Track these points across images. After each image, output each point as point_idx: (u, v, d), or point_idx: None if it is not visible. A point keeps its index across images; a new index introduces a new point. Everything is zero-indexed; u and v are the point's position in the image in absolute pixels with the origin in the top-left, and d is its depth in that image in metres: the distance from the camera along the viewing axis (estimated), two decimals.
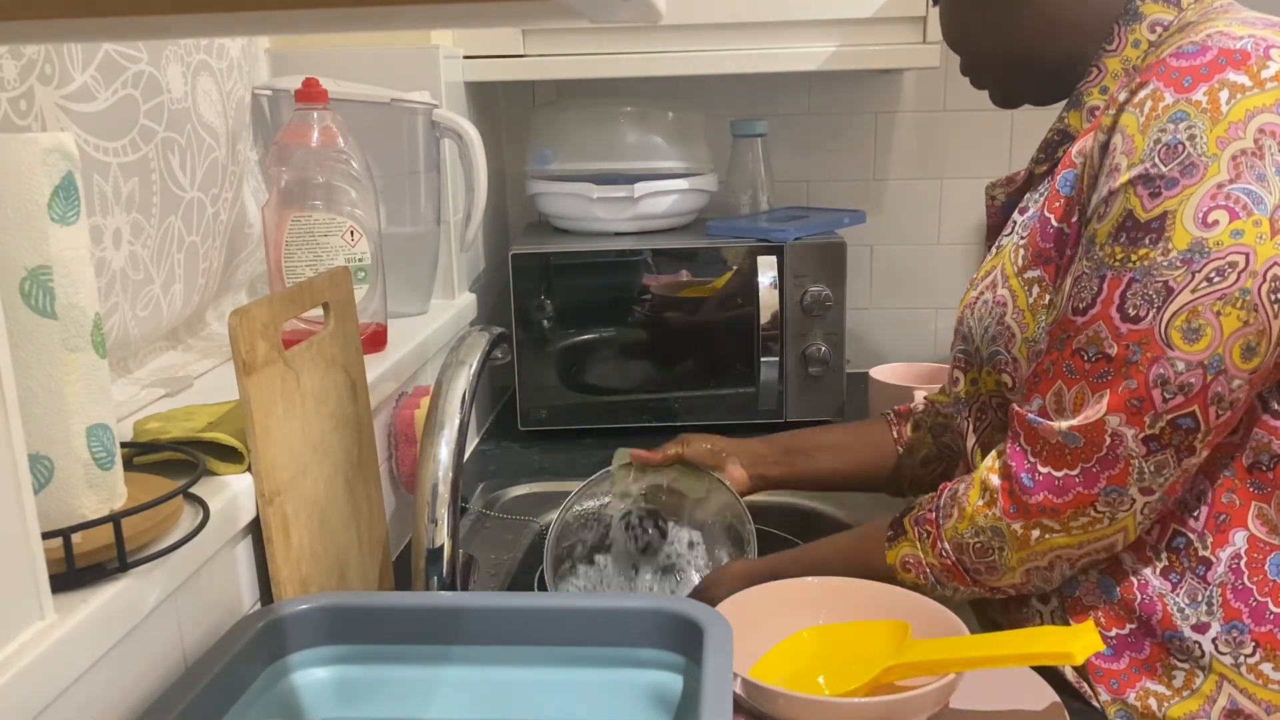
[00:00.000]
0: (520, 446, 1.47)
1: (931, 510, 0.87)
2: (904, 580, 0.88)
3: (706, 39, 1.45)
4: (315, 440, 0.83)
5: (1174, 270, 0.74)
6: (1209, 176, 0.73)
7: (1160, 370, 0.74)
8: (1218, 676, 0.80)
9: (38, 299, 0.59)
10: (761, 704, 0.74)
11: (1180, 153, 0.73)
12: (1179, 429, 0.75)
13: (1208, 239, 0.73)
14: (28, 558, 0.56)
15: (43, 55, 0.80)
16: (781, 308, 1.42)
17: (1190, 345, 0.74)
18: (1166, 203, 0.74)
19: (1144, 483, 0.77)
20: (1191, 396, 0.74)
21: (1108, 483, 0.77)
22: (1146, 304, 0.75)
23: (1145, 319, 0.75)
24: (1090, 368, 0.77)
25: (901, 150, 1.76)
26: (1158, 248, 0.74)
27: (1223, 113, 0.73)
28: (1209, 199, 0.73)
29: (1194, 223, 0.73)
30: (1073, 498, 0.78)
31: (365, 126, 1.15)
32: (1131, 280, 0.75)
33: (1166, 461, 0.76)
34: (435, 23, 0.81)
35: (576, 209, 1.53)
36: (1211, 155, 0.73)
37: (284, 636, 0.72)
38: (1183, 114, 0.74)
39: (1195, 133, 0.73)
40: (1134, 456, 0.76)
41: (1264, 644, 0.79)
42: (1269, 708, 0.78)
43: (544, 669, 0.72)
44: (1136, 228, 0.75)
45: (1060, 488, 0.78)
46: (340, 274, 0.90)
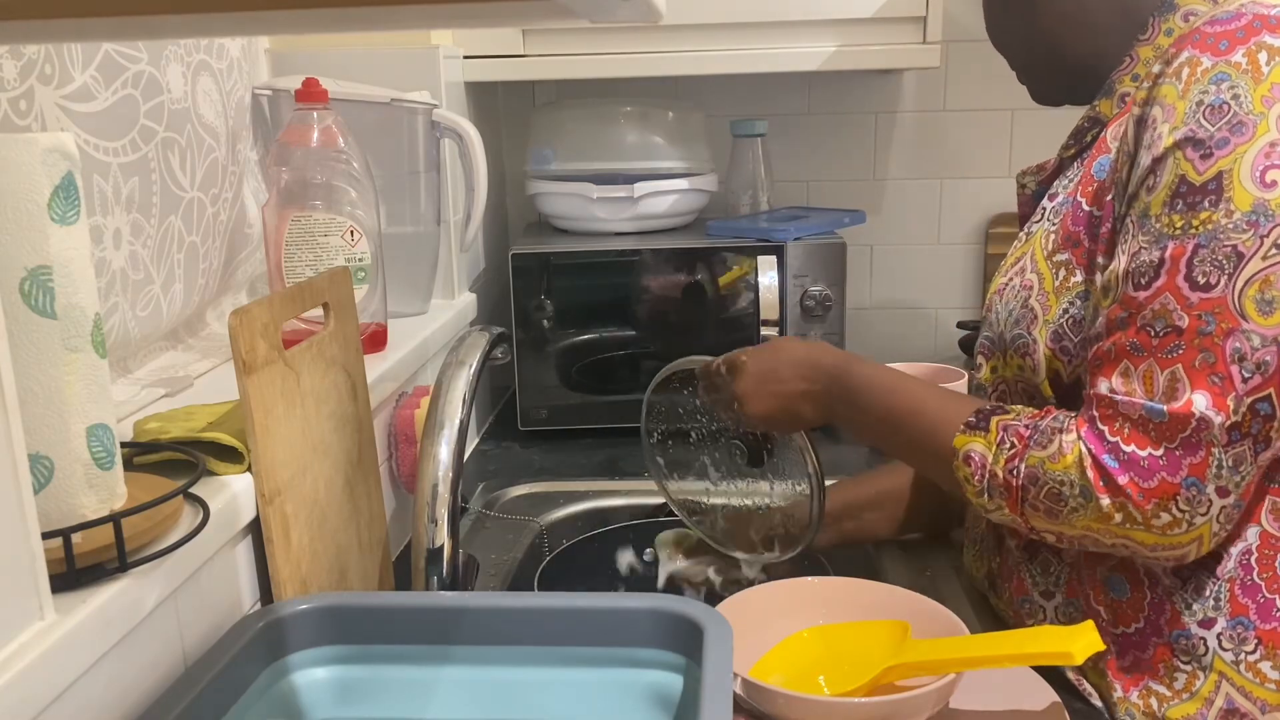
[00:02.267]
0: (520, 446, 1.47)
1: (1028, 427, 0.80)
2: (957, 470, 0.83)
3: (706, 39, 1.45)
4: (315, 440, 0.83)
5: (1241, 234, 0.70)
6: (1260, 134, 0.71)
7: (1236, 344, 0.70)
8: (1217, 675, 0.79)
9: (38, 299, 0.59)
10: (761, 704, 0.74)
11: (1226, 112, 0.71)
12: (1257, 415, 0.71)
13: (1270, 200, 0.70)
14: (28, 558, 0.56)
15: (43, 55, 0.80)
16: (781, 308, 1.42)
17: (1265, 318, 0.70)
18: (1220, 162, 0.71)
19: (1221, 480, 0.72)
20: (1268, 377, 0.70)
21: (1189, 471, 0.72)
22: (1217, 269, 0.71)
23: (1217, 286, 0.71)
24: (1159, 343, 0.73)
25: (901, 150, 1.76)
26: (1220, 209, 0.71)
27: (1264, 73, 0.72)
28: (1263, 157, 0.70)
29: (1253, 182, 0.70)
30: (1158, 484, 0.73)
31: (365, 126, 1.15)
32: (1197, 246, 0.71)
33: (1244, 455, 0.72)
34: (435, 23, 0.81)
35: (576, 209, 1.53)
36: (1259, 114, 0.71)
37: (284, 636, 0.72)
38: (1224, 75, 0.72)
39: (1239, 92, 0.72)
40: (1216, 445, 0.71)
41: (1266, 641, 0.78)
42: (1264, 706, 0.78)
43: (544, 669, 0.72)
44: (1193, 191, 0.72)
45: (1146, 470, 0.73)
46: (340, 274, 0.90)
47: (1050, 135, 1.19)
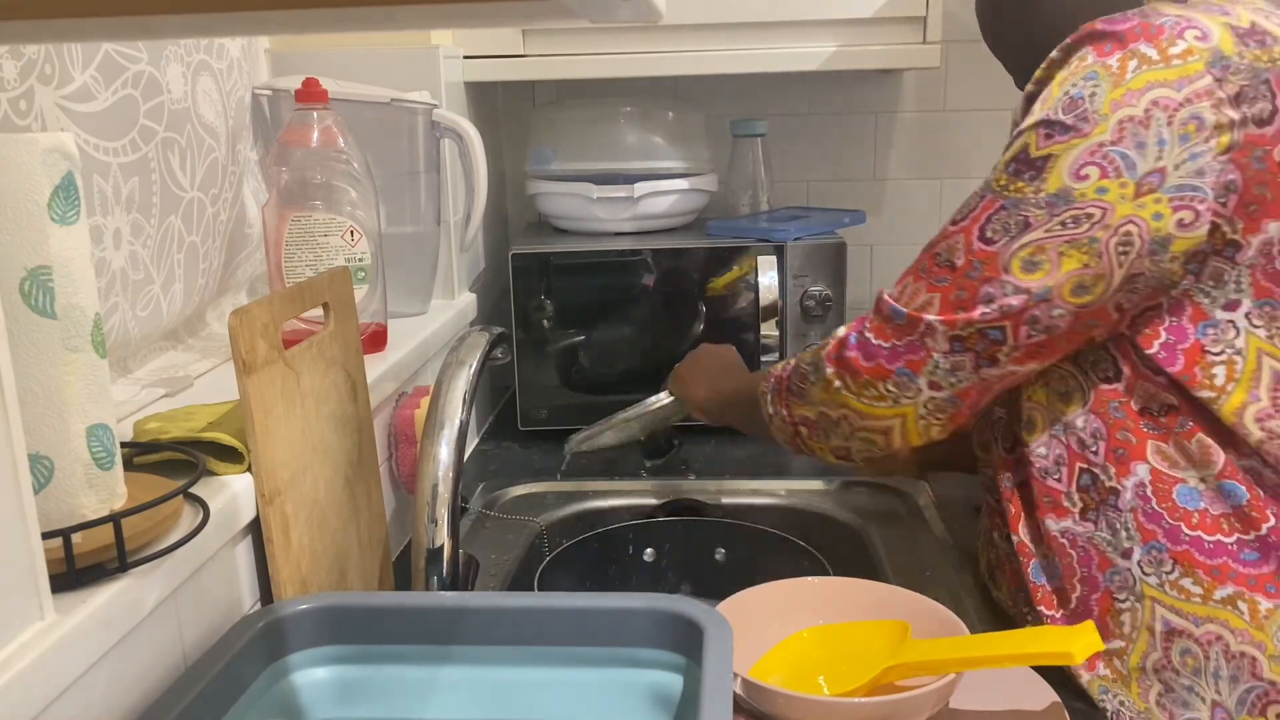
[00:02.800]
0: (520, 446, 1.47)
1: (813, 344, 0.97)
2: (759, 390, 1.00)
3: (706, 39, 1.45)
4: (315, 440, 0.83)
5: (1038, 209, 0.80)
6: (1095, 134, 0.78)
7: (989, 290, 0.81)
8: (1150, 601, 0.83)
9: (38, 299, 0.59)
10: (761, 704, 0.74)
11: (1080, 106, 0.79)
12: (985, 337, 0.82)
13: (1075, 189, 0.79)
14: (28, 558, 0.56)
15: (43, 55, 0.80)
16: (781, 308, 1.42)
17: (1025, 275, 0.80)
18: (1054, 147, 0.80)
19: (935, 377, 0.85)
20: (1007, 314, 0.81)
21: (905, 364, 0.85)
22: (1004, 232, 0.81)
23: (997, 243, 0.81)
24: (936, 271, 0.85)
25: (901, 150, 1.76)
26: (1032, 185, 0.80)
27: (1125, 79, 0.78)
28: (1088, 154, 0.78)
29: (1068, 173, 0.79)
30: (874, 366, 0.87)
31: (365, 126, 1.15)
32: (1001, 207, 0.82)
33: (964, 363, 0.84)
34: (435, 23, 0.81)
35: (576, 209, 1.53)
36: (1103, 115, 0.78)
37: (284, 636, 0.72)
38: (1094, 74, 0.79)
39: (1097, 92, 0.79)
40: (936, 351, 0.84)
41: (1182, 561, 0.82)
42: (1196, 620, 0.81)
43: (544, 669, 0.72)
44: (1024, 163, 0.81)
45: (870, 353, 0.87)
46: (340, 274, 0.90)
47: None
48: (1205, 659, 0.81)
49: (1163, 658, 0.82)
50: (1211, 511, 0.82)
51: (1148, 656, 0.83)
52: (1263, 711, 0.79)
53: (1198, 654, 0.81)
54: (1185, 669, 0.81)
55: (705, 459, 1.39)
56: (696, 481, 1.34)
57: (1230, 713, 0.80)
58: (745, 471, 1.35)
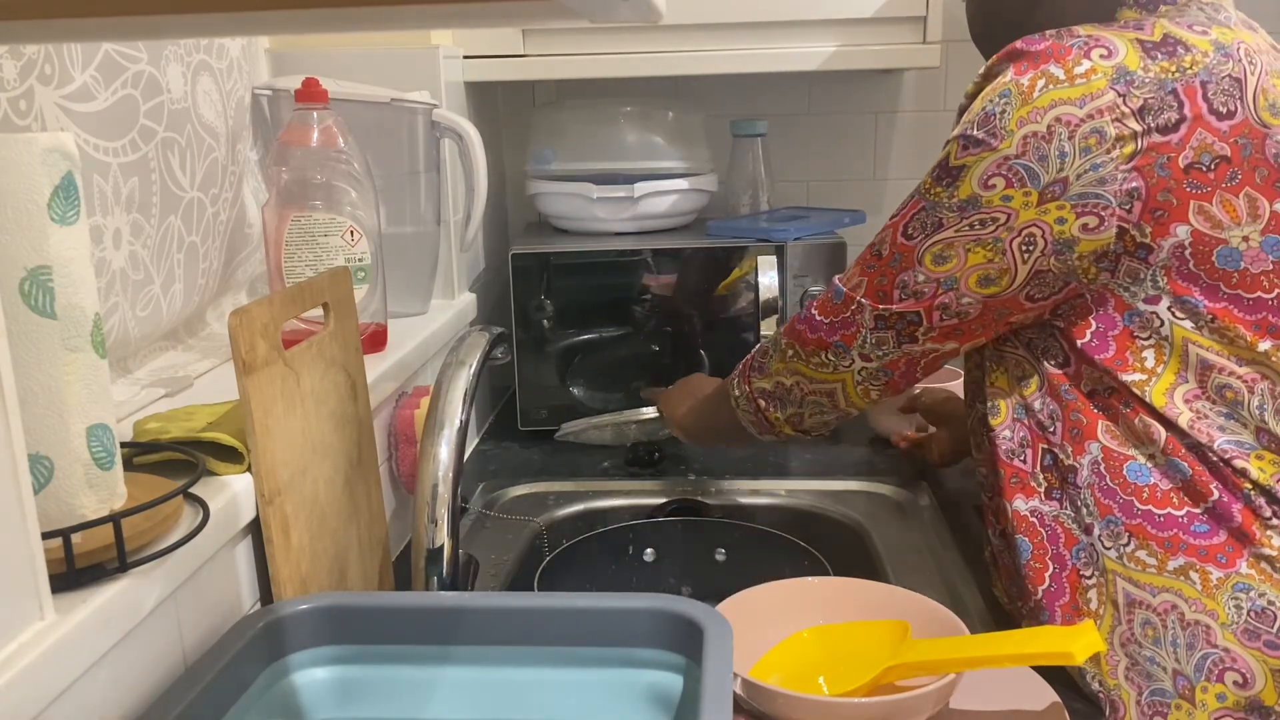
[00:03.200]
0: (520, 446, 1.47)
1: None
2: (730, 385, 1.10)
3: (706, 39, 1.45)
4: (315, 440, 0.83)
5: (950, 212, 0.88)
6: (1001, 148, 0.84)
7: (904, 277, 0.91)
8: (1111, 574, 0.86)
9: (38, 299, 0.59)
10: (761, 704, 0.74)
11: (990, 122, 0.85)
12: (904, 319, 0.93)
13: (982, 196, 0.86)
14: (28, 558, 0.56)
15: (43, 55, 0.80)
16: (782, 308, 1.42)
17: (935, 267, 0.89)
18: (967, 159, 0.86)
19: (864, 350, 0.96)
20: (920, 300, 0.91)
21: (840, 338, 0.97)
22: (921, 230, 0.90)
23: (915, 239, 0.90)
24: (869, 259, 0.94)
25: (901, 150, 1.76)
26: (947, 191, 0.88)
27: (1032, 98, 0.83)
28: (994, 166, 0.84)
29: (978, 182, 0.86)
30: (815, 337, 0.98)
31: (365, 126, 1.15)
32: (922, 208, 0.90)
33: (887, 339, 0.94)
34: (435, 23, 0.81)
35: (576, 209, 1.52)
36: (1010, 131, 0.84)
37: (284, 636, 0.72)
38: (1007, 91, 0.84)
39: (1007, 109, 0.84)
40: (864, 328, 0.95)
41: (1136, 534, 0.85)
42: (1153, 590, 0.84)
43: (544, 669, 0.72)
44: (943, 169, 0.88)
45: (813, 326, 0.99)
46: (340, 274, 0.90)
47: None
48: (1163, 628, 0.83)
49: (1126, 630, 0.85)
50: (1161, 486, 0.85)
51: (1114, 631, 0.85)
52: (1220, 679, 0.81)
53: (1156, 624, 0.84)
54: (1146, 640, 0.84)
55: (705, 459, 1.39)
56: (696, 481, 1.34)
57: (1190, 680, 0.82)
58: (745, 471, 1.35)
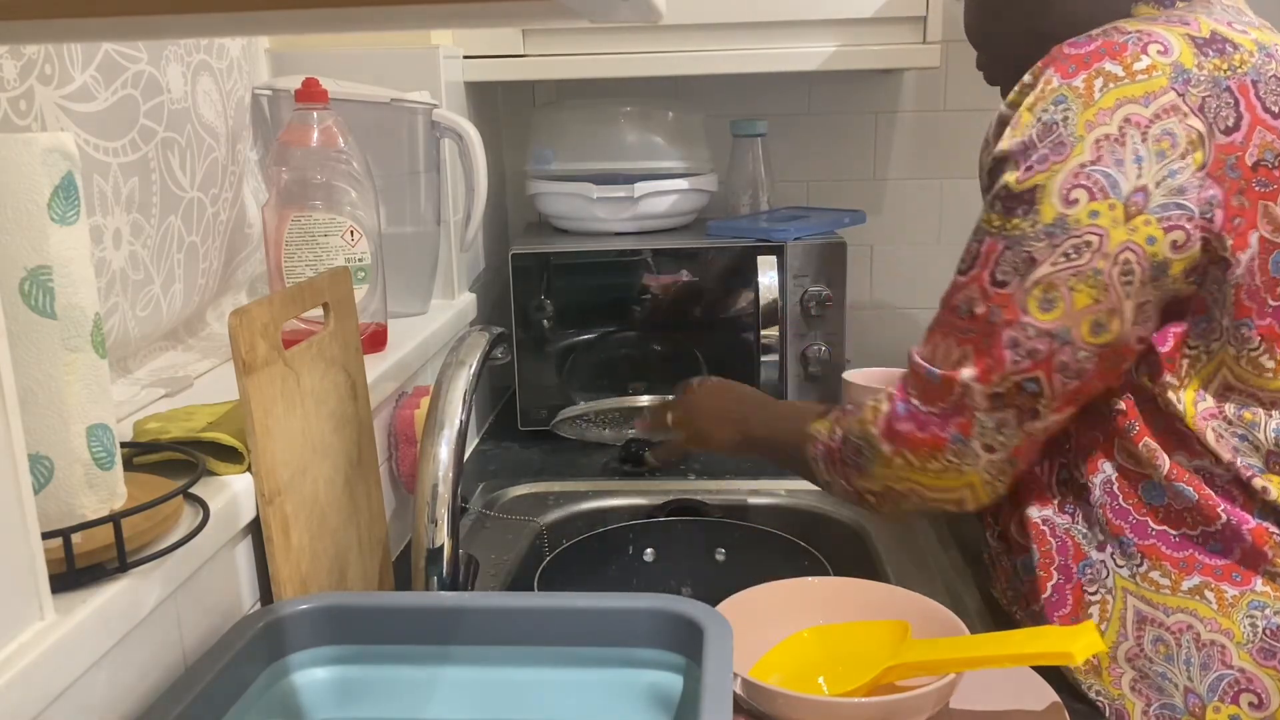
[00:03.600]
0: (520, 446, 1.47)
1: (854, 405, 0.94)
2: (806, 451, 0.95)
3: (706, 39, 1.45)
4: (315, 440, 0.83)
5: (1038, 242, 0.79)
6: (1074, 156, 0.78)
7: (1013, 334, 0.80)
8: (1121, 592, 0.85)
9: (38, 299, 0.59)
10: (761, 704, 0.74)
11: (1054, 131, 0.79)
12: (1023, 391, 0.81)
13: (1069, 215, 0.78)
14: (28, 558, 0.56)
15: (43, 55, 0.80)
16: (781, 308, 1.42)
17: (1044, 314, 0.80)
18: (1037, 176, 0.79)
19: (985, 438, 0.83)
20: (1038, 362, 0.80)
21: (956, 429, 0.84)
22: (1013, 271, 0.80)
23: (1009, 285, 0.81)
24: (960, 324, 0.84)
25: (901, 150, 1.76)
26: (1028, 219, 0.80)
27: (1094, 99, 0.78)
28: (1072, 177, 0.78)
29: (1058, 199, 0.78)
30: (929, 436, 0.85)
31: (365, 126, 1.15)
32: (1005, 248, 0.81)
33: (1008, 420, 0.83)
34: (435, 23, 0.81)
35: (576, 209, 1.52)
36: (1079, 137, 0.78)
37: (284, 636, 0.72)
38: (1063, 97, 0.79)
39: (1069, 115, 0.79)
40: (978, 410, 0.83)
41: (1150, 555, 0.84)
42: (1166, 610, 0.83)
43: (544, 669, 0.72)
44: (1011, 198, 0.81)
45: (922, 422, 0.85)
46: (340, 274, 0.90)
47: None
48: (1177, 646, 0.82)
49: (1134, 646, 0.84)
50: (1175, 506, 0.84)
51: (1119, 646, 0.85)
52: (1234, 700, 0.80)
53: (1169, 642, 0.83)
54: (1158, 656, 0.83)
55: (705, 459, 1.39)
56: (696, 481, 1.34)
57: (1202, 698, 0.81)
58: (745, 471, 1.35)
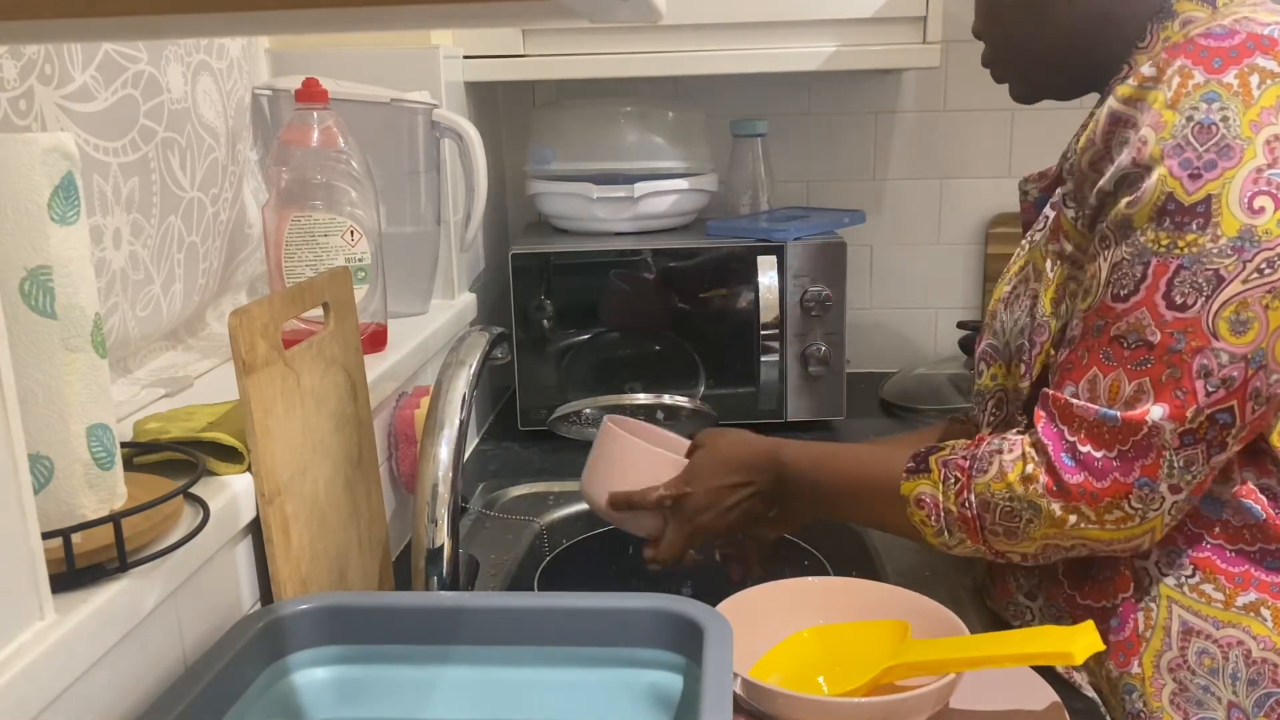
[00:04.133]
0: (520, 446, 1.47)
1: (966, 458, 0.84)
2: (912, 515, 0.86)
3: (706, 39, 1.45)
4: (315, 440, 0.83)
5: (1225, 258, 0.72)
6: (1246, 160, 0.72)
7: (1204, 361, 0.73)
8: (1166, 601, 0.82)
9: (38, 299, 0.59)
10: (761, 704, 0.74)
11: (1215, 133, 0.73)
12: (1216, 424, 0.75)
13: (1257, 226, 0.72)
14: (28, 558, 0.56)
15: (43, 55, 0.80)
16: (781, 308, 1.42)
17: (1237, 337, 0.73)
18: (1209, 185, 0.73)
19: (1173, 479, 0.76)
20: (1233, 391, 0.74)
21: (1142, 472, 0.76)
22: (1195, 292, 0.73)
23: (1193, 307, 0.73)
24: (1129, 355, 0.76)
25: (901, 150, 1.76)
26: (1206, 233, 0.73)
27: (1254, 97, 0.72)
28: (1250, 183, 0.72)
29: (1240, 208, 0.72)
30: (1110, 484, 0.77)
31: (365, 126, 1.15)
32: (1180, 267, 0.74)
33: (1197, 457, 0.76)
34: (435, 23, 0.81)
35: (576, 209, 1.52)
36: (1246, 139, 0.72)
37: (284, 636, 0.72)
38: (1214, 94, 0.73)
39: (1229, 114, 0.73)
40: (1167, 449, 0.75)
41: (1202, 567, 0.81)
42: (1216, 623, 0.80)
43: (544, 669, 0.72)
44: (1181, 211, 0.73)
45: (1099, 471, 0.77)
46: (340, 274, 0.90)
47: (1050, 136, 1.19)
48: (1224, 660, 0.80)
49: (1178, 656, 0.82)
50: (1233, 523, 0.81)
51: (1161, 655, 0.82)
52: None
53: (1216, 655, 0.80)
54: (1202, 669, 0.81)
55: None
56: None
57: (1247, 713, 0.79)
58: None
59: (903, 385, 1.63)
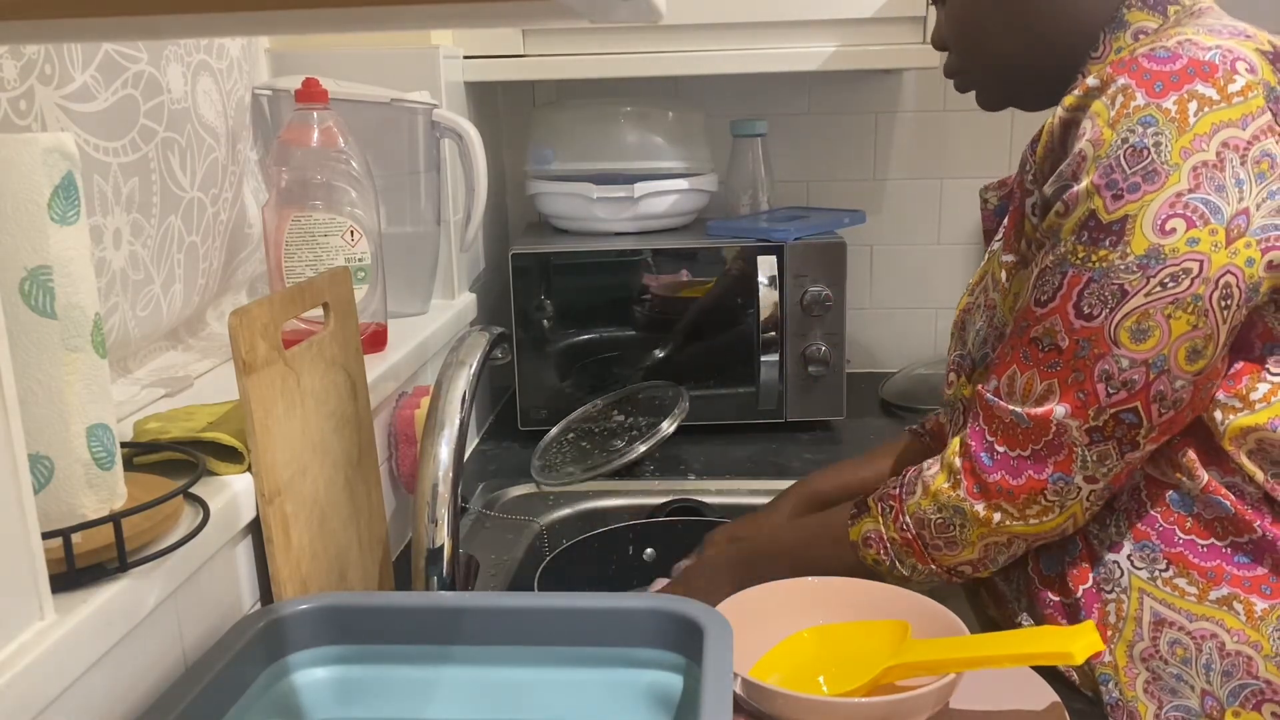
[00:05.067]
0: (520, 446, 1.47)
1: (896, 487, 0.89)
2: (865, 557, 0.90)
3: (706, 39, 1.45)
4: (315, 440, 0.83)
5: (1130, 274, 0.76)
6: (1169, 185, 0.75)
7: (1105, 366, 0.78)
8: (1138, 593, 0.83)
9: (38, 299, 0.59)
10: (761, 704, 0.74)
11: (1145, 158, 0.75)
12: (1121, 423, 0.79)
13: (1164, 245, 0.75)
14: (28, 558, 0.56)
15: (43, 55, 0.80)
16: (781, 308, 1.42)
17: (1137, 345, 0.77)
18: (1128, 206, 0.76)
19: (1088, 471, 0.80)
20: (1134, 393, 0.78)
21: (1054, 469, 0.81)
22: (1101, 304, 0.77)
23: (1098, 318, 0.78)
24: (1043, 357, 0.80)
25: (901, 150, 1.76)
26: (1116, 250, 0.76)
27: (1190, 124, 0.75)
28: (1167, 207, 0.75)
29: (1152, 229, 0.75)
30: (1025, 481, 0.81)
31: (365, 126, 1.15)
32: (1090, 280, 0.78)
33: (1109, 453, 0.80)
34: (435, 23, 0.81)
35: (576, 209, 1.53)
36: (1174, 165, 0.75)
37: (284, 636, 0.72)
38: (1151, 119, 0.75)
39: (1161, 140, 0.75)
40: (1077, 445, 0.80)
41: (1176, 561, 0.82)
42: (1190, 616, 0.81)
43: (544, 669, 0.72)
44: (1099, 228, 0.77)
45: (1015, 469, 0.82)
46: (340, 274, 0.90)
47: None
48: (1198, 652, 0.81)
49: (1149, 646, 0.83)
50: (1204, 516, 0.82)
51: (1134, 645, 0.84)
52: (1256, 707, 0.79)
53: (1189, 645, 0.82)
54: (1174, 658, 0.82)
55: (705, 459, 1.39)
56: (696, 481, 1.34)
57: (1221, 702, 0.80)
58: (745, 471, 1.35)
59: (903, 385, 1.63)
